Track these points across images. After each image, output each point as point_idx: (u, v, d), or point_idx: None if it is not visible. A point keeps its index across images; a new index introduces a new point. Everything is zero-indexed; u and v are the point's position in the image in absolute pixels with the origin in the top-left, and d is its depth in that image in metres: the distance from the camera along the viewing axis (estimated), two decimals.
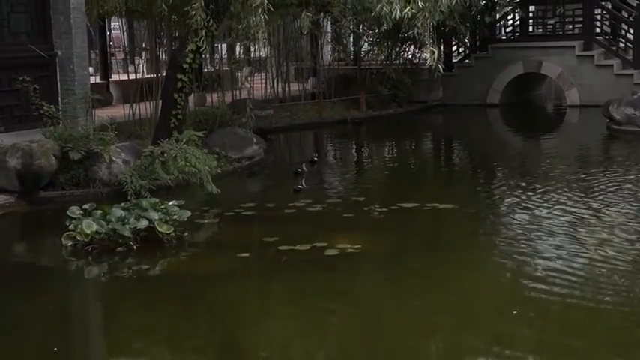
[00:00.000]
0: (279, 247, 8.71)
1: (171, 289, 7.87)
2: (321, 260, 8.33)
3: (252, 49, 22.43)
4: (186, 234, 9.30)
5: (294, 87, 21.82)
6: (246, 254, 8.65)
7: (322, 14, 19.55)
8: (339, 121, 19.49)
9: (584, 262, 8.09)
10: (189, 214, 9.42)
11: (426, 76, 21.33)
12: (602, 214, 9.89)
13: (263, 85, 21.27)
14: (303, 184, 12.25)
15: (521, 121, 20.87)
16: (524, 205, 10.57)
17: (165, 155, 11.56)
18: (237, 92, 19.81)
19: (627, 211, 10.07)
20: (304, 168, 13.28)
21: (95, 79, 20.83)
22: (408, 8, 9.87)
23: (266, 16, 11.61)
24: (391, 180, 13.60)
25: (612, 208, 10.14)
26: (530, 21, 23.65)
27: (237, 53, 21.60)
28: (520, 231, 9.40)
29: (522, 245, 8.82)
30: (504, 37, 23.28)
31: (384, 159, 16.02)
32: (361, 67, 22.56)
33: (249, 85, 19.85)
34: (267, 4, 10.40)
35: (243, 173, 13.47)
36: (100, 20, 19.01)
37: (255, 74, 22.52)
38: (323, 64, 22.25)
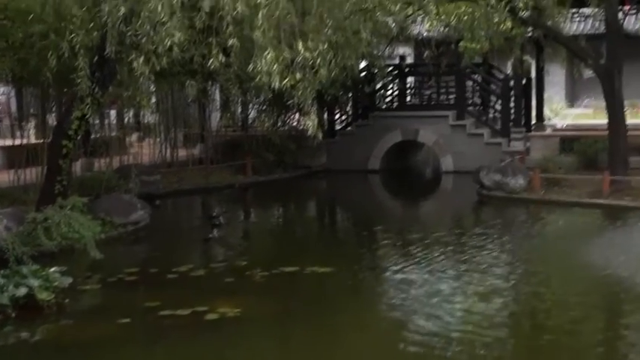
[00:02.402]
0: (161, 313, 8.59)
1: (50, 357, 7.61)
2: (201, 325, 8.25)
3: (141, 115, 22.25)
4: (67, 300, 9.04)
5: (183, 152, 21.72)
6: (128, 320, 8.47)
7: (210, 82, 19.65)
8: (225, 186, 19.46)
9: (458, 322, 8.29)
10: (70, 280, 9.19)
11: (311, 142, 21.60)
12: (470, 276, 10.18)
13: (151, 150, 21.08)
14: (214, 234, 12.57)
15: (400, 186, 21.34)
16: (400, 268, 10.76)
17: (49, 221, 11.29)
18: (126, 158, 19.57)
19: (495, 272, 10.42)
20: (221, 220, 13.58)
21: None
22: (287, 79, 10.05)
23: (153, 84, 11.58)
24: (274, 244, 13.64)
25: (478, 271, 10.44)
26: (408, 91, 24.37)
27: (126, 119, 21.38)
28: (396, 293, 9.55)
29: (398, 307, 8.97)
30: (384, 107, 23.87)
31: (268, 223, 16.05)
32: (248, 134, 22.69)
33: (136, 151, 19.68)
34: (149, 73, 10.38)
35: (128, 238, 13.23)
36: None
37: (144, 140, 22.30)
38: (211, 130, 22.27)
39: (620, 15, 17.22)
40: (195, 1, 10.21)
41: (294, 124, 22.80)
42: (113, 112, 21.46)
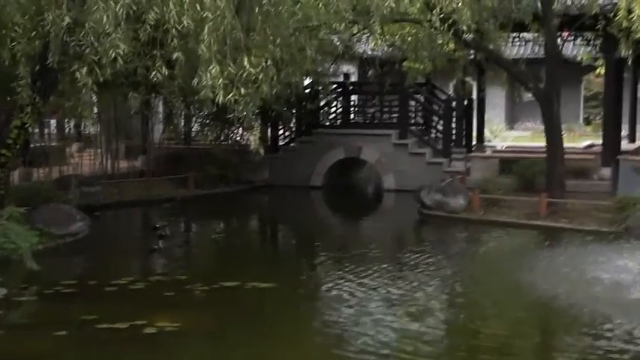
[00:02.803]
0: (98, 326, 8.50)
1: None
2: (139, 338, 8.19)
3: (82, 126, 21.99)
4: (0, 312, 8.88)
5: (124, 164, 21.51)
6: (64, 333, 8.36)
7: (153, 95, 19.54)
8: (167, 199, 19.30)
9: (392, 343, 8.38)
10: (5, 291, 9.08)
11: (253, 157, 21.59)
12: (411, 294, 10.30)
13: (92, 161, 20.83)
14: (160, 245, 12.73)
15: (342, 203, 21.44)
16: (341, 285, 10.81)
17: None
18: (65, 168, 19.30)
19: (429, 291, 10.56)
20: (167, 232, 13.77)
21: None
22: (231, 94, 10.08)
23: (95, 95, 11.48)
24: (215, 258, 13.59)
25: (414, 290, 10.54)
26: (352, 109, 24.55)
27: (67, 129, 21.11)
28: (337, 310, 9.60)
29: (339, 324, 9.03)
30: (328, 124, 24.01)
31: (209, 237, 15.97)
32: (191, 147, 22.58)
33: (77, 161, 19.44)
34: (92, 83, 10.29)
35: (66, 250, 13.03)
36: None
37: (85, 150, 22.03)
38: (153, 143, 22.11)
39: (559, 41, 17.65)
40: (140, 14, 10.18)
41: (238, 138, 22.78)
42: (54, 122, 21.19)
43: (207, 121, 22.46)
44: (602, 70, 23.07)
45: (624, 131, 25.00)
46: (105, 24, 9.70)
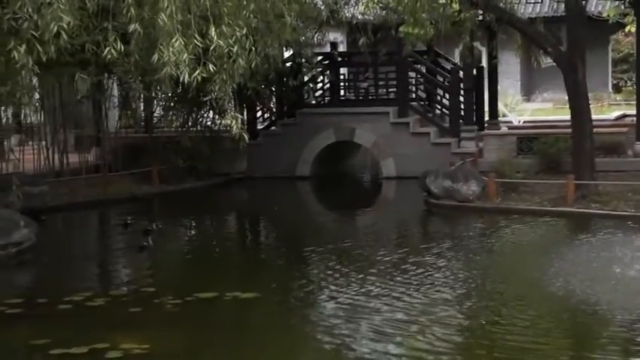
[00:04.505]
0: (51, 352, 8.47)
1: None
2: None
3: (22, 115, 21.87)
4: None
5: (74, 158, 21.41)
6: None
7: (106, 75, 19.41)
8: (127, 198, 19.23)
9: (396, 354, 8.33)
10: None
11: (228, 145, 21.52)
12: (416, 303, 10.25)
13: (36, 156, 20.73)
14: (150, 242, 13.24)
15: (335, 195, 21.39)
16: (336, 293, 10.80)
17: None
18: (4, 165, 19.21)
19: (443, 298, 10.52)
20: (154, 227, 14.36)
21: None
22: (197, 71, 10.00)
23: (35, 78, 11.37)
24: (188, 266, 13.57)
25: (423, 298, 10.50)
26: (342, 85, 24.50)
27: (4, 119, 20.98)
28: (328, 325, 9.56)
29: (333, 338, 8.99)
30: (314, 102, 23.96)
31: (179, 241, 15.90)
32: (153, 135, 22.48)
33: (17, 157, 19.35)
34: (33, 64, 10.17)
35: (9, 262, 13.01)
36: None
37: (27, 144, 21.93)
38: (108, 132, 22.01)
39: None
40: None
41: (209, 123, 22.69)
42: None
43: (172, 105, 22.35)
44: (632, 28, 23.11)
45: None
46: None
